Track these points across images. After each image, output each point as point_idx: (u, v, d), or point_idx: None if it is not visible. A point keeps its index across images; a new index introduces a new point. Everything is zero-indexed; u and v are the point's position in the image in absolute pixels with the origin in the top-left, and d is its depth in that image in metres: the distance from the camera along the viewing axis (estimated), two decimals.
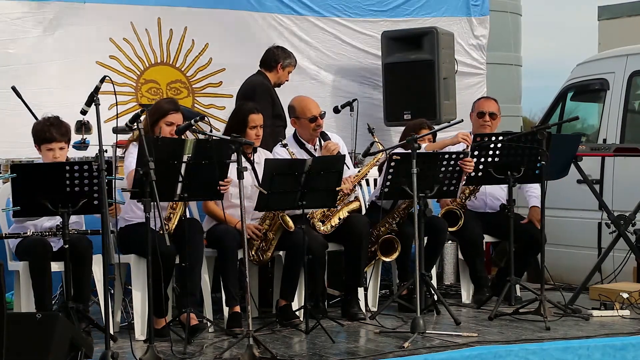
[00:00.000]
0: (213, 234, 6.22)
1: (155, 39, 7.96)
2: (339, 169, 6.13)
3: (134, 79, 7.90)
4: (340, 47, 8.76)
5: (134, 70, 7.90)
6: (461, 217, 6.90)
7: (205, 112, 7.94)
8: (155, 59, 8.00)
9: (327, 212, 6.56)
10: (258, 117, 6.38)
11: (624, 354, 5.64)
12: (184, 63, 8.10)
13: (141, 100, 7.88)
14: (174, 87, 8.08)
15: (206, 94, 8.20)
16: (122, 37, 7.82)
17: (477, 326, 6.21)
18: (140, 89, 7.93)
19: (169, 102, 6.19)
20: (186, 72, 8.13)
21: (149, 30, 7.94)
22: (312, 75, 8.62)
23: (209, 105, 8.14)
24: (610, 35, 13.69)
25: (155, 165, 5.19)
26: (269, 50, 7.72)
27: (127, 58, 7.85)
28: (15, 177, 5.34)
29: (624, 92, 8.20)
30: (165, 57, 8.03)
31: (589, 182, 7.12)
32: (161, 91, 8.00)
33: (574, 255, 8.29)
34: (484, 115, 7.25)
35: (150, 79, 7.99)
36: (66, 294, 5.53)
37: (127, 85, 7.85)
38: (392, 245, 6.63)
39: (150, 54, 7.96)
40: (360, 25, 8.80)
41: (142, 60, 7.94)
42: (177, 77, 8.10)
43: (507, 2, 13.10)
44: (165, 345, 5.51)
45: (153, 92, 7.98)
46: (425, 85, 8.37)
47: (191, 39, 8.07)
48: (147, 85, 7.97)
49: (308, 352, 5.51)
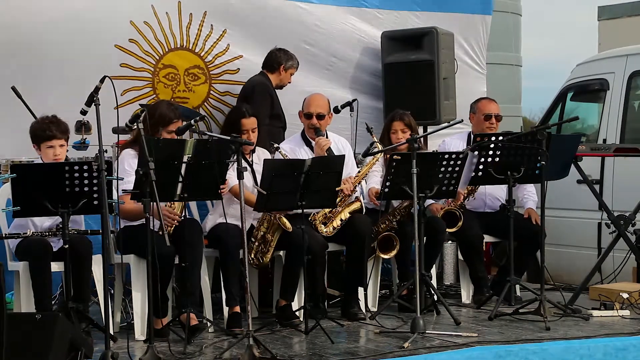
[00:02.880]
0: (214, 233, 6.23)
1: (175, 22, 7.78)
2: (338, 169, 6.13)
3: (152, 64, 7.70)
4: (355, 38, 8.67)
5: (152, 55, 7.69)
6: (460, 217, 6.90)
7: (220, 99, 7.89)
8: (175, 44, 7.81)
9: (328, 214, 6.56)
10: (249, 121, 6.36)
11: (625, 354, 5.64)
12: (203, 48, 7.92)
13: (158, 85, 7.74)
14: (192, 73, 7.92)
15: (223, 81, 8.03)
16: (142, 20, 7.71)
17: (477, 326, 6.21)
18: (158, 74, 7.74)
19: (171, 110, 6.12)
20: (205, 58, 7.97)
21: (170, 14, 7.82)
22: (326, 65, 8.53)
23: (224, 93, 8.01)
24: (610, 35, 13.71)
25: (156, 165, 5.19)
26: (271, 52, 7.72)
27: (147, 42, 7.63)
28: (15, 177, 5.34)
29: (624, 92, 8.20)
30: (185, 41, 7.86)
31: (589, 182, 7.13)
32: (179, 77, 7.83)
33: (574, 255, 8.30)
34: (490, 118, 7.26)
35: (168, 64, 7.79)
36: (66, 294, 5.53)
37: (145, 70, 7.69)
38: (391, 243, 6.63)
39: (170, 38, 7.76)
40: (368, 14, 8.72)
41: (162, 44, 7.74)
42: (195, 62, 7.92)
43: (507, 2, 13.09)
44: (165, 345, 5.50)
45: (170, 77, 7.82)
46: (425, 85, 8.35)
47: (210, 24, 7.91)
48: (165, 70, 7.77)
49: (308, 352, 5.51)
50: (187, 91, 7.84)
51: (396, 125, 6.97)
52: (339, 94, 8.34)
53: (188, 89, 7.84)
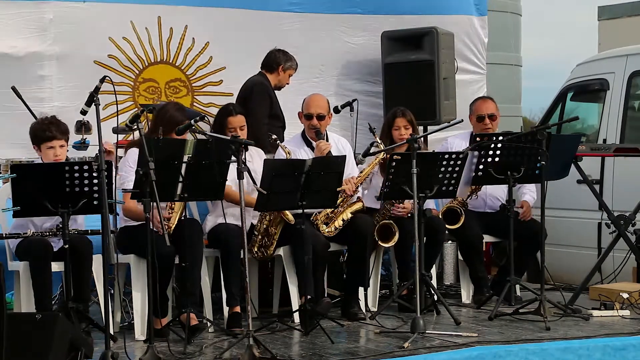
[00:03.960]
0: (215, 233, 6.23)
1: (155, 37, 7.93)
2: (339, 169, 6.12)
3: (132, 78, 7.87)
4: (344, 46, 8.71)
5: (132, 70, 7.86)
6: (462, 214, 6.90)
7: (204, 110, 7.92)
8: (155, 58, 7.97)
9: (330, 214, 6.56)
10: (236, 119, 6.35)
11: (624, 354, 5.64)
12: (184, 61, 8.07)
13: (138, 99, 7.85)
14: (173, 86, 8.05)
15: (206, 93, 8.16)
16: (121, 36, 7.81)
17: (477, 326, 6.21)
18: (138, 88, 7.90)
19: (179, 111, 6.12)
20: (186, 71, 8.09)
21: (149, 29, 7.91)
22: (315, 74, 8.58)
23: (208, 104, 8.11)
24: (610, 35, 13.70)
25: (156, 165, 5.20)
26: (270, 52, 7.73)
27: (127, 57, 7.82)
28: (15, 177, 5.35)
29: (624, 92, 8.20)
30: (165, 55, 8.00)
31: (589, 182, 7.12)
32: (159, 90, 7.97)
33: (574, 255, 8.30)
34: (483, 119, 7.26)
35: (148, 77, 7.95)
36: (66, 294, 5.53)
37: (125, 85, 7.82)
38: (390, 231, 6.63)
39: (150, 53, 7.93)
40: (363, 22, 8.74)
41: (142, 59, 7.91)
42: (176, 75, 8.07)
43: (507, 2, 13.10)
44: (165, 345, 5.50)
45: (151, 91, 7.96)
46: (425, 85, 8.35)
47: (192, 38, 8.04)
48: (145, 84, 7.94)
49: (308, 352, 5.51)
50: None
51: (399, 121, 6.97)
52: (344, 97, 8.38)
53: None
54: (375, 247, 6.73)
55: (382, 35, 8.54)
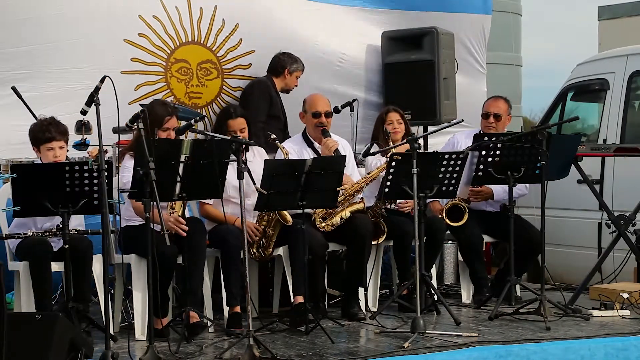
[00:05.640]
0: (216, 234, 6.22)
1: (185, 17, 7.70)
2: (339, 169, 6.13)
3: (164, 58, 7.62)
4: (359, 38, 8.66)
5: (164, 49, 7.60)
6: (465, 211, 6.91)
7: (232, 94, 7.85)
8: (187, 38, 7.72)
9: (329, 210, 6.56)
10: (236, 122, 6.35)
11: (626, 354, 5.64)
12: (215, 42, 7.82)
13: (171, 80, 7.64)
14: (204, 68, 7.82)
15: (235, 76, 7.95)
16: (151, 14, 7.64)
17: (477, 326, 6.21)
18: (170, 69, 7.65)
19: (162, 107, 6.10)
20: (217, 52, 7.83)
21: (179, 8, 7.73)
22: (336, 62, 8.51)
23: (236, 88, 7.95)
24: (610, 35, 13.70)
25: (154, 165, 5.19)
26: (275, 56, 7.73)
27: (157, 36, 7.56)
28: (15, 177, 5.34)
29: (624, 92, 8.20)
30: (196, 35, 7.75)
31: (589, 182, 7.12)
32: (191, 71, 7.73)
33: (574, 255, 8.30)
34: (488, 117, 7.26)
35: (180, 58, 7.69)
36: (66, 294, 5.53)
37: (157, 65, 7.56)
38: (379, 229, 6.64)
39: (181, 32, 7.67)
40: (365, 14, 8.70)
41: (173, 38, 7.63)
42: (207, 57, 7.83)
43: (507, 2, 13.12)
44: (165, 345, 5.50)
45: (183, 72, 7.72)
46: (425, 85, 8.36)
47: (221, 19, 7.81)
48: (177, 64, 7.68)
49: (308, 352, 5.51)
50: (200, 86, 7.78)
51: (392, 116, 7.05)
52: (350, 92, 8.34)
53: (201, 83, 7.78)
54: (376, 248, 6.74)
55: (383, 35, 8.55)
